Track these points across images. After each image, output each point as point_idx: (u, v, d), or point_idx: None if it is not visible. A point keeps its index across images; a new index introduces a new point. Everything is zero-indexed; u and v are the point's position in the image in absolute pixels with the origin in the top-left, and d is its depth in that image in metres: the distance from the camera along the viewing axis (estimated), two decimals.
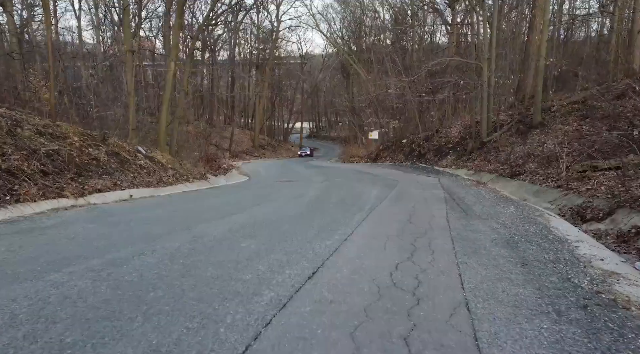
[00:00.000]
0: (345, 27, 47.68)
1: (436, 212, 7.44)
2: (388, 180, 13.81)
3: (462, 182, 13.06)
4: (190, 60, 19.55)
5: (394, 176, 15.18)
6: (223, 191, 12.10)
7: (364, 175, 16.08)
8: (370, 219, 6.69)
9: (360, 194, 9.91)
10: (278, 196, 9.92)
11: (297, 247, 4.80)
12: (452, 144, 21.88)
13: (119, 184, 12.22)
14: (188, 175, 17.12)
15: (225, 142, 45.00)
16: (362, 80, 38.82)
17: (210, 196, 10.49)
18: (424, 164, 21.58)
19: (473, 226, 6.32)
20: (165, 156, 17.59)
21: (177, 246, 4.67)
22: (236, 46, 55.44)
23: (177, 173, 16.39)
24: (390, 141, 27.04)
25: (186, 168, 18.51)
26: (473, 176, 16.25)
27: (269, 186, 13.22)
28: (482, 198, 9.45)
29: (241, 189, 12.55)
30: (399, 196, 9.68)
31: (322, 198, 9.27)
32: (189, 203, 8.75)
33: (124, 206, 8.21)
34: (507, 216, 7.18)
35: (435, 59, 20.14)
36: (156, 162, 16.18)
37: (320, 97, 68.10)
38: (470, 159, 18.98)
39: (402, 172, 16.76)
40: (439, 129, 23.95)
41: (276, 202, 8.68)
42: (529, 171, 14.03)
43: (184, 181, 15.88)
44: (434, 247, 4.96)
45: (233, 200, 9.15)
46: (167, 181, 14.81)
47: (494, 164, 16.81)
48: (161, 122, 17.80)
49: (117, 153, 14.46)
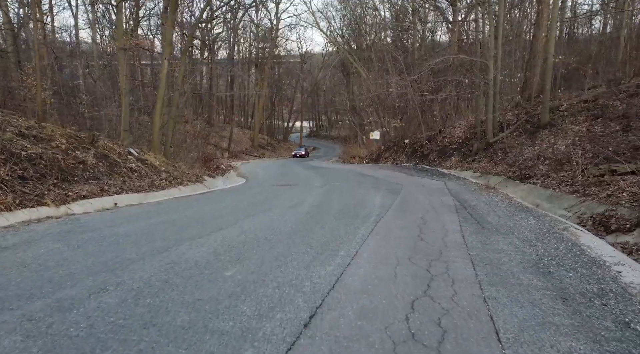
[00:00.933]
0: (346, 25, 46.85)
1: (448, 225, 6.66)
2: (391, 184, 13.03)
3: (470, 187, 12.27)
4: (185, 58, 18.72)
5: (398, 179, 14.40)
6: (216, 197, 11.31)
7: (366, 178, 15.29)
8: (375, 235, 5.91)
9: (363, 202, 9.13)
10: (274, 203, 9.14)
11: (292, 276, 4.02)
12: (456, 145, 21.08)
13: (106, 190, 11.45)
14: (182, 178, 16.34)
15: (224, 142, 44.21)
16: (362, 79, 38.01)
17: (201, 203, 9.70)
18: (427, 165, 20.78)
19: (493, 243, 5.54)
20: (158, 158, 16.80)
21: (148, 277, 3.88)
22: (235, 45, 54.62)
23: (170, 176, 15.61)
24: (392, 141, 26.23)
25: (181, 170, 17.73)
26: (480, 179, 15.46)
27: (266, 190, 12.44)
28: (496, 206, 8.66)
29: (236, 194, 11.76)
30: (405, 204, 8.89)
31: (321, 207, 8.48)
32: (176, 213, 7.96)
33: (104, 217, 7.43)
34: (527, 229, 6.40)
35: (439, 57, 19.31)
36: (149, 165, 15.40)
37: (320, 96, 67.29)
38: (476, 161, 18.18)
39: (406, 175, 15.96)
40: (442, 129, 23.16)
41: (272, 212, 7.90)
42: (540, 173, 13.23)
43: (177, 185, 15.09)
44: (454, 275, 4.17)
45: (225, 209, 8.36)
46: (160, 184, 14.03)
47: (502, 165, 16.01)
48: (155, 123, 17.01)
49: (106, 156, 13.69)
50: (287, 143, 61.13)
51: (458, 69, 22.98)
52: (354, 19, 44.82)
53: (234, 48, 53.97)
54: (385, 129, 31.07)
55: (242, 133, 52.20)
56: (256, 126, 49.62)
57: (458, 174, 17.28)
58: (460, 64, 21.93)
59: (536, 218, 7.33)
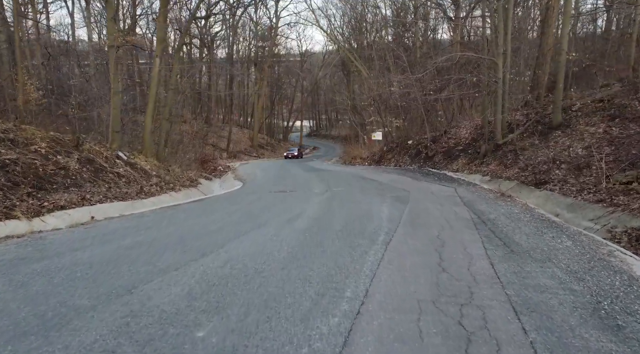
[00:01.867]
0: (346, 23, 45.74)
1: (471, 247, 5.65)
2: (397, 190, 12.01)
3: (483, 194, 11.24)
4: (179, 56, 17.68)
5: (403, 185, 13.37)
6: (207, 206, 10.29)
7: (369, 183, 14.27)
8: (387, 264, 4.89)
9: (369, 214, 8.11)
10: (270, 216, 8.11)
11: (284, 338, 3.00)
12: (463, 146, 20.04)
13: (88, 199, 10.44)
14: (175, 183, 15.32)
15: (223, 142, 43.18)
16: (363, 78, 36.96)
17: (189, 215, 8.69)
18: (432, 168, 19.74)
19: (531, 275, 4.52)
20: (150, 162, 15.79)
21: (91, 344, 2.86)
22: (235, 44, 53.55)
23: (162, 181, 14.59)
24: (395, 142, 25.19)
25: (174, 174, 16.71)
26: (490, 183, 14.44)
27: (262, 198, 11.41)
28: (518, 220, 7.64)
29: (229, 203, 10.74)
30: (415, 217, 7.87)
31: (322, 221, 7.47)
32: (158, 229, 6.94)
33: (74, 236, 6.42)
34: (566, 254, 5.38)
35: (443, 55, 18.26)
36: (138, 170, 14.39)
37: (320, 95, 66.23)
38: (484, 163, 17.14)
39: (411, 180, 14.93)
40: (447, 130, 22.12)
41: (266, 228, 6.88)
42: (557, 179, 12.20)
43: (169, 191, 14.08)
44: (495, 332, 3.16)
45: (214, 224, 7.34)
46: (149, 191, 13.02)
47: (513, 169, 14.99)
48: (147, 124, 16.00)
49: (91, 160, 12.68)
50: (287, 143, 60.07)
51: (463, 68, 21.94)
52: (355, 17, 43.75)
53: (233, 47, 52.91)
54: (387, 128, 30.03)
55: (241, 133, 51.15)
56: (255, 126, 48.55)
57: (466, 177, 16.26)
58: (465, 62, 20.88)
59: (570, 237, 6.31)
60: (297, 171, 22.07)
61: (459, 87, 20.04)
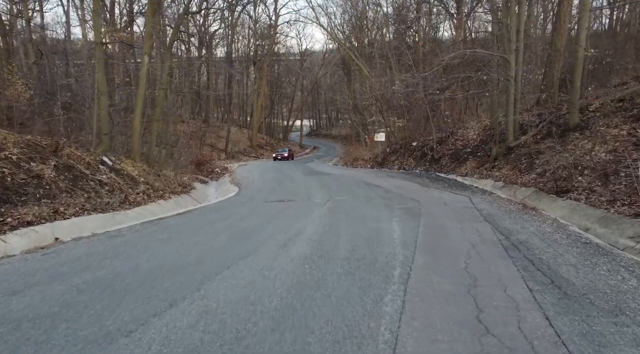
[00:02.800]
0: (346, 21, 44.42)
1: (512, 287, 4.43)
2: (406, 200, 10.79)
3: (501, 205, 10.02)
4: (170, 53, 16.44)
5: (411, 193, 12.14)
6: (193, 221, 9.06)
7: (374, 190, 13.04)
8: (410, 318, 3.68)
9: (378, 234, 6.90)
10: (262, 237, 6.89)
11: None
12: (471, 148, 18.80)
13: (62, 212, 9.23)
14: (165, 189, 14.11)
15: (222, 142, 41.95)
16: (364, 77, 35.73)
17: (170, 235, 7.45)
18: (439, 171, 18.51)
19: (608, 341, 3.31)
20: (138, 167, 14.57)
21: None
22: (233, 42, 52.30)
23: (150, 188, 13.38)
24: (398, 143, 23.95)
25: (165, 180, 15.49)
26: (504, 190, 13.23)
27: (256, 209, 10.19)
28: (554, 242, 6.43)
29: (219, 216, 9.51)
30: (433, 239, 6.66)
31: (324, 245, 6.26)
32: (126, 259, 5.72)
33: (19, 269, 5.21)
34: (637, 299, 4.17)
35: (451, 52, 17.01)
36: (124, 176, 13.17)
37: (320, 94, 64.95)
38: (495, 167, 15.91)
39: (419, 186, 13.70)
40: (453, 131, 20.88)
41: (256, 257, 5.66)
42: (581, 187, 10.97)
43: (157, 199, 12.86)
44: None
45: (194, 251, 6.12)
46: (135, 200, 11.81)
47: (529, 174, 13.76)
48: (135, 127, 14.79)
49: (71, 167, 11.46)
50: (287, 143, 58.82)
51: (470, 66, 20.72)
52: (355, 15, 42.46)
53: (232, 45, 51.68)
54: (390, 129, 28.80)
55: (240, 133, 49.92)
56: (254, 126, 47.28)
57: (477, 183, 15.05)
58: (472, 60, 19.63)
59: (630, 271, 5.08)
60: (296, 175, 20.85)
61: (466, 86, 18.81)
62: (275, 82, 56.96)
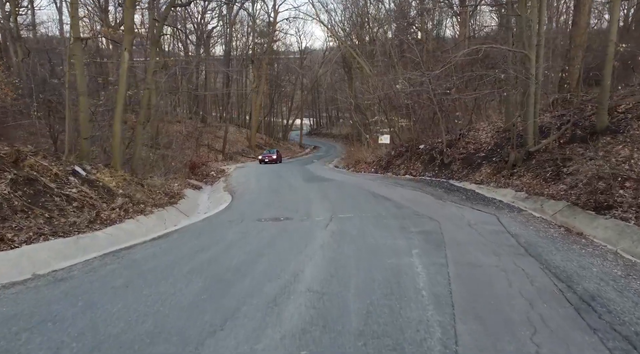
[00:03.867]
0: (347, 19, 42.60)
1: None
2: (422, 219, 9.10)
3: (538, 227, 8.32)
4: (155, 50, 14.70)
5: (426, 207, 10.44)
6: (166, 254, 7.34)
7: (382, 203, 11.32)
8: None
9: (399, 280, 5.21)
10: (247, 288, 5.17)
11: None
12: (485, 153, 17.09)
13: (9, 240, 7.54)
14: (147, 202, 12.41)
15: (219, 143, 40.21)
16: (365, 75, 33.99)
17: (131, 278, 5.76)
18: (450, 177, 16.80)
19: None
20: (118, 176, 12.86)
21: None
22: (232, 41, 50.48)
23: (129, 202, 11.67)
24: (404, 145, 22.23)
25: (149, 190, 13.79)
26: (529, 202, 11.54)
27: (246, 235, 8.46)
28: (637, 295, 4.74)
29: (198, 246, 7.77)
30: (473, 289, 4.97)
31: (328, 304, 4.56)
32: (55, 329, 4.04)
33: None
34: None
35: (460, 48, 15.27)
36: (99, 188, 11.46)
37: (321, 92, 63.14)
38: (515, 175, 14.19)
39: (433, 198, 11.99)
40: (463, 133, 19.16)
41: (232, 333, 3.97)
42: (626, 202, 9.26)
43: (137, 214, 11.15)
44: None
45: (152, 313, 4.42)
46: (109, 217, 10.12)
47: (555, 184, 12.05)
48: (115, 131, 13.11)
49: (32, 180, 9.75)
50: (286, 142, 57.06)
51: (480, 63, 19.00)
52: (356, 12, 40.68)
53: (230, 43, 49.86)
54: (393, 129, 27.08)
55: (238, 133, 48.17)
56: (253, 126, 45.49)
57: (496, 194, 13.36)
58: (483, 57, 17.88)
59: None
60: (295, 181, 19.15)
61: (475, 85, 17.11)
62: (275, 81, 55.14)
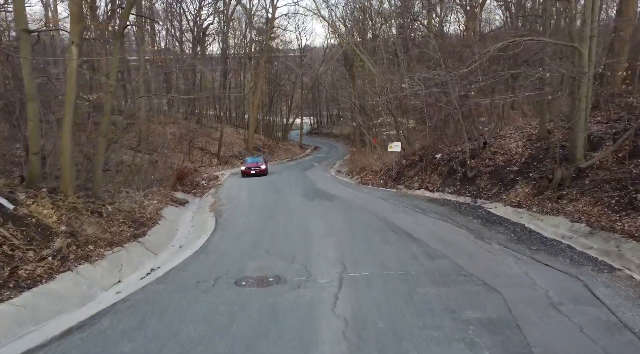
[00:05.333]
0: (348, 15, 39.40)
1: None
2: (474, 286, 6.10)
3: None
4: (119, 44, 11.62)
5: (469, 257, 7.41)
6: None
7: (407, 247, 8.23)
8: None
9: None
10: None
11: None
12: (518, 166, 14.07)
13: None
14: (100, 239, 9.39)
15: (215, 145, 37.13)
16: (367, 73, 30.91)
17: None
18: (478, 196, 13.77)
19: None
20: (64, 206, 9.82)
21: None
22: (228, 38, 47.29)
23: (72, 243, 8.68)
24: (416, 153, 19.19)
25: (108, 220, 10.75)
26: (596, 240, 8.51)
27: (210, 324, 5.43)
28: None
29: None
30: None
31: None
32: None
33: None
34: None
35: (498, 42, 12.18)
36: (31, 226, 8.41)
37: (321, 91, 59.93)
38: (565, 198, 11.12)
39: (472, 236, 8.96)
40: (487, 141, 16.13)
41: None
42: None
43: (79, 262, 8.16)
44: None
45: None
46: (31, 274, 7.15)
47: (628, 215, 9.03)
48: (63, 146, 10.12)
49: None
50: (286, 143, 53.92)
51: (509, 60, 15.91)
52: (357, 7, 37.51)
53: (227, 41, 46.65)
54: (400, 131, 24.06)
55: (236, 133, 45.08)
56: (250, 126, 42.34)
57: (541, 221, 10.36)
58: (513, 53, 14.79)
59: None
60: (292, 197, 16.14)
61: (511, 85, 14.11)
62: (274, 79, 51.97)
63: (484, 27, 35.12)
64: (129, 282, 8.21)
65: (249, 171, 26.63)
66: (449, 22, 37.77)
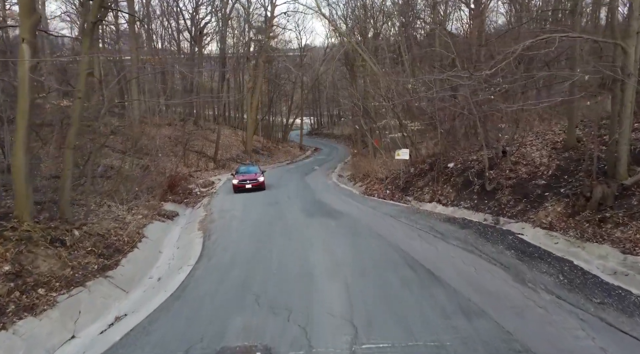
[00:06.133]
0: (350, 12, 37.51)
1: None
2: None
3: None
4: (88, 42, 9.83)
5: (517, 316, 5.65)
6: None
7: (435, 299, 6.34)
8: None
9: None
10: None
11: None
12: (545, 179, 12.29)
13: None
14: (52, 281, 7.62)
15: (212, 148, 35.33)
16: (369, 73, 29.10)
17: None
18: (500, 214, 12.01)
19: None
20: (15, 234, 8.06)
21: None
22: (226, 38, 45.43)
23: (16, 287, 6.94)
24: (426, 161, 17.42)
25: (71, 249, 8.98)
26: None
27: None
28: None
29: None
30: None
31: None
32: None
33: None
34: None
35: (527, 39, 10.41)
36: None
37: (322, 91, 58.06)
38: (608, 222, 9.34)
39: (510, 278, 7.20)
40: (506, 149, 14.37)
41: None
42: None
43: (20, 314, 6.42)
44: None
45: None
46: None
47: None
48: (16, 164, 8.37)
49: None
50: (286, 144, 52.08)
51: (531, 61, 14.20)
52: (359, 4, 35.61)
53: (225, 40, 44.79)
54: (404, 133, 22.30)
55: (234, 135, 43.26)
56: (249, 128, 40.50)
57: (585, 251, 8.59)
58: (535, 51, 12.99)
59: None
60: (291, 213, 14.35)
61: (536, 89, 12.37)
62: (274, 79, 50.12)
63: (487, 25, 33.35)
64: (85, 337, 6.51)
65: (242, 185, 20.53)
66: (451, 20, 35.96)
